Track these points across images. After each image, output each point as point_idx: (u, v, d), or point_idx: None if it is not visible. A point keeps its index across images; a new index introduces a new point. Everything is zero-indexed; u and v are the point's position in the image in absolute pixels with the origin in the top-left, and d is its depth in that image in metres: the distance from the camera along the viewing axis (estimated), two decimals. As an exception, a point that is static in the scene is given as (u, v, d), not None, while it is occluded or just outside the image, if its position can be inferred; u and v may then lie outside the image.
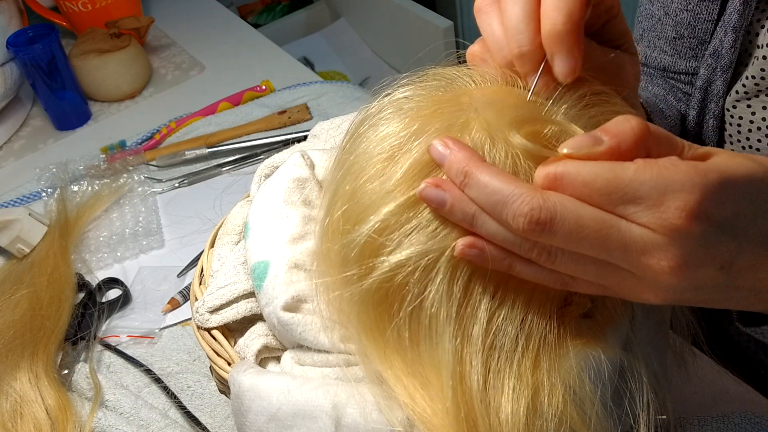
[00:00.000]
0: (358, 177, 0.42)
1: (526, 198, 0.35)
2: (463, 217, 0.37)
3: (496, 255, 0.38)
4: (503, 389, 0.40)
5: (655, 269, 0.35)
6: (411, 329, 0.41)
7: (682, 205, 0.34)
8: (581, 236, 0.35)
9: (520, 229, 0.35)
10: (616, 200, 0.34)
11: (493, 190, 0.36)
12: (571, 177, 0.35)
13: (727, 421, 0.56)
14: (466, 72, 0.45)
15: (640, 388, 0.41)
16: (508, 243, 0.37)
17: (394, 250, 0.40)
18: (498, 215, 0.36)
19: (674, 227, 0.34)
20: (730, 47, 0.60)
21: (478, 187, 0.36)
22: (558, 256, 0.36)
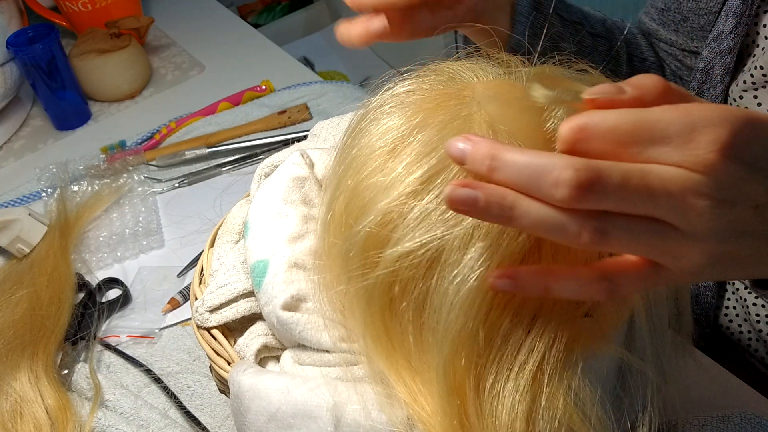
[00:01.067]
0: (360, 171, 0.42)
1: (565, 162, 0.32)
2: (500, 210, 0.34)
3: (532, 282, 0.36)
4: (504, 389, 0.40)
5: (696, 210, 0.34)
6: (414, 326, 0.41)
7: (713, 138, 0.33)
8: (630, 189, 0.33)
9: (566, 197, 0.32)
10: (645, 141, 0.33)
11: (526, 164, 0.33)
12: (596, 124, 0.33)
13: (727, 421, 0.56)
14: (468, 66, 0.45)
15: (640, 387, 0.41)
16: (555, 228, 0.33)
17: (397, 242, 0.39)
18: (536, 189, 0.33)
19: (708, 161, 0.33)
20: (730, 32, 0.60)
21: (509, 165, 0.33)
22: (610, 230, 0.34)
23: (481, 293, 0.38)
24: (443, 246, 0.38)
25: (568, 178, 0.32)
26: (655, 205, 0.33)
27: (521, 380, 0.40)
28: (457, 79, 0.44)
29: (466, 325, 0.39)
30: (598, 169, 0.32)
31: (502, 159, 0.33)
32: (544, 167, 0.32)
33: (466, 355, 0.40)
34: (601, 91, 0.35)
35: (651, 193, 0.33)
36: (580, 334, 0.41)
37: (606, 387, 0.41)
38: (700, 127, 0.33)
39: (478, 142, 0.34)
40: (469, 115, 0.40)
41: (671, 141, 0.33)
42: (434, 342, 0.40)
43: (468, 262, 0.38)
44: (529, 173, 0.33)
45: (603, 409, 0.40)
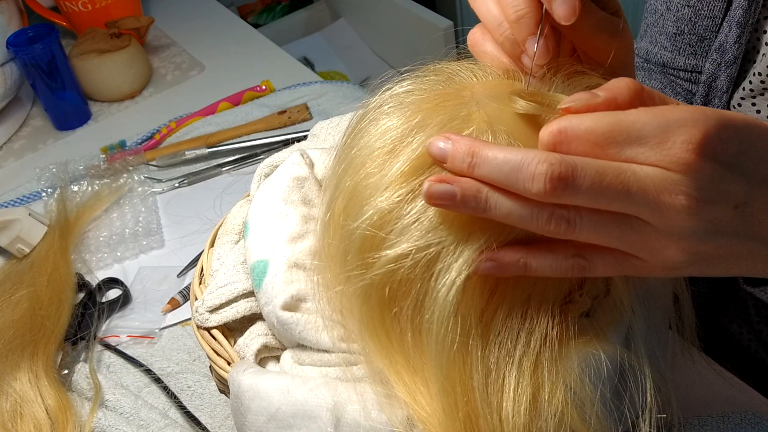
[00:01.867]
0: (359, 171, 0.42)
1: (541, 157, 0.33)
2: (476, 203, 0.36)
3: (511, 259, 0.38)
4: (503, 389, 0.40)
5: (674, 208, 0.34)
6: (413, 326, 0.41)
7: (687, 138, 0.34)
8: (603, 186, 0.34)
9: (541, 191, 0.33)
10: (622, 142, 0.34)
11: (504, 160, 0.34)
12: (574, 128, 0.35)
13: (726, 421, 0.56)
14: (467, 66, 0.45)
15: (640, 387, 0.41)
16: (524, 219, 0.35)
17: (394, 243, 0.39)
18: (513, 184, 0.34)
19: (683, 161, 0.34)
20: (734, 42, 0.60)
21: (488, 161, 0.35)
22: (578, 222, 0.35)
23: (474, 291, 0.39)
24: (440, 248, 0.39)
25: (542, 171, 0.33)
26: (629, 202, 0.34)
27: (520, 378, 0.40)
28: (456, 79, 0.44)
29: (461, 324, 0.39)
30: (574, 163, 0.33)
31: (482, 156, 0.35)
32: (521, 162, 0.34)
33: (463, 354, 0.40)
34: (576, 99, 0.36)
35: (626, 190, 0.34)
36: (580, 333, 0.41)
37: (606, 386, 0.41)
38: (674, 128, 0.34)
39: (457, 141, 0.36)
40: (468, 115, 0.40)
41: (647, 141, 0.34)
42: (431, 341, 0.40)
43: (460, 261, 0.38)
44: (508, 169, 0.34)
45: (602, 408, 0.40)
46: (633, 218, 0.35)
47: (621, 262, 0.38)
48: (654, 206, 0.34)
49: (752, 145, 0.36)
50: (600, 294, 0.44)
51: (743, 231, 0.37)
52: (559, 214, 0.35)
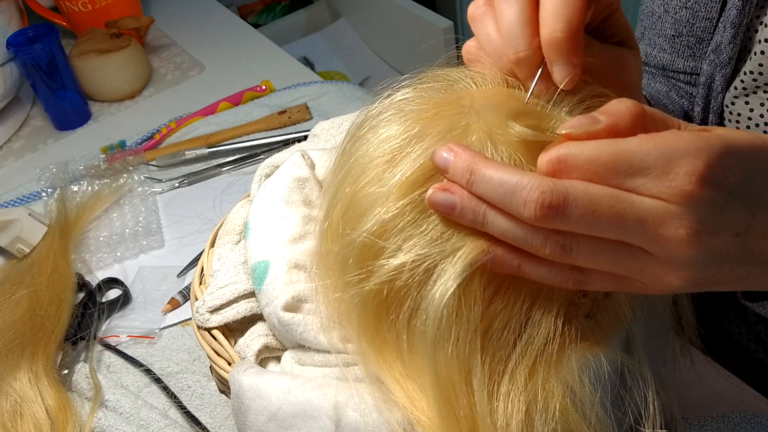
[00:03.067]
0: (358, 180, 0.42)
1: (534, 183, 0.34)
2: (473, 217, 0.37)
3: (506, 257, 0.37)
4: (500, 393, 0.40)
5: (673, 240, 0.34)
6: (409, 333, 0.41)
7: (690, 170, 0.33)
8: (596, 216, 0.34)
9: (532, 217, 0.34)
10: (623, 173, 0.34)
11: (500, 182, 0.35)
12: (574, 157, 0.34)
13: (726, 421, 0.56)
14: (467, 74, 0.45)
15: (640, 388, 0.41)
16: (519, 240, 0.36)
17: (393, 253, 0.39)
18: (508, 206, 0.35)
19: (685, 193, 0.33)
20: (728, 43, 0.60)
21: (485, 181, 0.36)
22: (573, 248, 0.35)
23: (473, 296, 0.39)
24: (439, 258, 0.39)
25: (533, 198, 0.34)
26: (625, 232, 0.34)
27: (517, 381, 0.40)
28: (456, 86, 0.44)
29: (456, 330, 0.39)
30: (566, 192, 0.34)
31: (479, 174, 0.36)
32: (515, 186, 0.34)
33: (459, 358, 0.40)
34: (576, 125, 0.36)
35: (621, 221, 0.34)
36: (580, 335, 0.41)
37: (606, 388, 0.41)
38: (676, 158, 0.33)
39: (459, 154, 0.37)
40: (467, 125, 0.40)
41: (649, 172, 0.34)
42: (426, 346, 0.40)
43: (456, 268, 0.38)
44: (503, 191, 0.35)
45: (603, 409, 0.40)
46: (632, 246, 0.35)
47: (618, 282, 0.38)
48: (652, 238, 0.34)
49: (756, 169, 0.36)
50: (599, 296, 0.44)
51: (744, 257, 0.36)
52: (554, 240, 0.35)
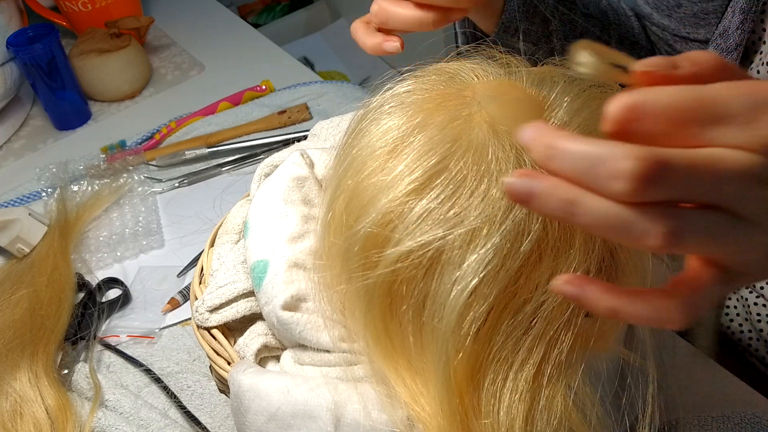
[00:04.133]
0: (361, 171, 0.42)
1: (623, 152, 0.29)
2: (558, 204, 0.30)
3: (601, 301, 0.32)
4: (503, 390, 0.40)
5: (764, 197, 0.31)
6: (414, 326, 0.41)
7: None
8: (698, 176, 0.30)
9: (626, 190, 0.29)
10: (706, 121, 0.30)
11: (582, 153, 0.30)
12: (651, 103, 0.30)
13: (727, 421, 0.56)
14: (468, 66, 0.45)
15: (640, 387, 0.41)
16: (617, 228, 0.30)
17: (397, 242, 0.39)
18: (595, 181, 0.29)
19: None
20: (736, 29, 0.60)
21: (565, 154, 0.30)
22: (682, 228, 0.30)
23: (483, 296, 0.38)
24: (443, 246, 0.38)
25: (628, 168, 0.28)
26: (722, 192, 0.30)
27: (520, 380, 0.40)
28: (458, 79, 0.44)
29: (466, 327, 0.39)
30: (665, 155, 0.29)
31: (558, 147, 0.30)
32: (600, 156, 0.29)
33: (465, 356, 0.40)
34: (655, 64, 0.32)
35: (719, 180, 0.30)
36: (581, 334, 0.41)
37: (606, 387, 0.41)
38: (765, 106, 0.30)
39: (543, 129, 0.31)
40: (469, 115, 0.40)
41: (733, 120, 0.30)
42: (434, 342, 0.40)
43: (470, 264, 0.38)
44: (585, 163, 0.30)
45: (603, 409, 0.40)
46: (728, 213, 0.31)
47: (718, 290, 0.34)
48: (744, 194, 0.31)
49: None
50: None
51: None
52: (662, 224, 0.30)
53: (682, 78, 0.32)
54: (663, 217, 0.30)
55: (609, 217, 0.30)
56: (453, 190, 0.39)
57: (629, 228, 0.30)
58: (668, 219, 0.30)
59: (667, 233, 0.30)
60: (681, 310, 0.32)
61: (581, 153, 0.30)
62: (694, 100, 0.30)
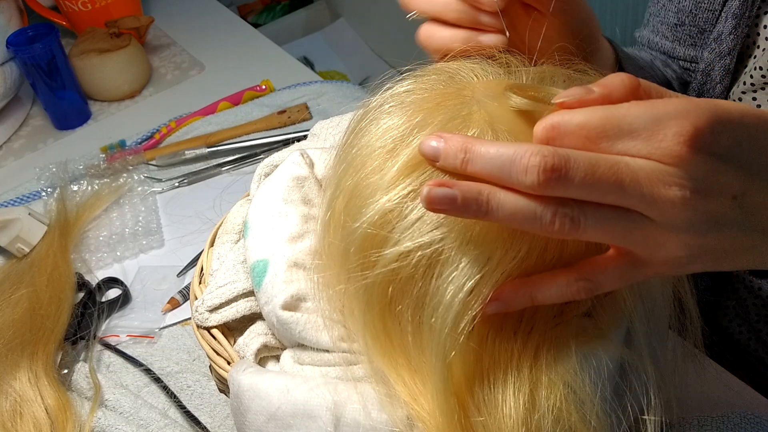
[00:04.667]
0: (360, 171, 0.42)
1: (533, 149, 0.34)
2: (477, 206, 0.35)
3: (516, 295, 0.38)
4: (502, 388, 0.40)
5: (668, 200, 0.34)
6: (413, 325, 0.41)
7: (678, 131, 0.34)
8: (596, 177, 0.34)
9: (536, 183, 0.33)
10: (614, 136, 0.34)
11: (497, 153, 0.34)
12: (566, 122, 0.35)
13: (726, 421, 0.56)
14: (468, 66, 0.45)
15: (640, 387, 0.41)
16: (529, 218, 0.35)
17: (396, 242, 0.39)
18: (508, 178, 0.34)
19: (675, 153, 0.34)
20: (729, 33, 0.61)
21: (481, 157, 0.35)
22: (581, 219, 0.35)
23: (479, 295, 0.39)
24: (441, 246, 0.39)
25: (536, 163, 0.33)
26: (624, 194, 0.34)
27: (519, 379, 0.40)
28: (457, 78, 0.44)
29: (463, 326, 0.39)
30: (566, 155, 0.34)
31: (475, 151, 0.35)
32: (514, 155, 0.34)
33: (463, 355, 0.40)
34: (570, 94, 0.36)
35: (619, 181, 0.34)
36: (580, 333, 0.41)
37: (606, 386, 0.41)
38: (665, 120, 0.34)
39: (450, 138, 0.36)
40: (468, 115, 0.40)
41: (638, 134, 0.34)
42: (432, 341, 0.40)
43: (465, 265, 0.38)
44: (501, 162, 0.34)
45: (603, 408, 0.40)
46: (634, 213, 0.35)
47: (624, 272, 0.38)
48: (649, 198, 0.34)
49: (749, 135, 0.36)
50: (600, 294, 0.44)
51: (744, 222, 0.37)
52: (563, 212, 0.34)
53: (595, 100, 0.36)
54: (563, 206, 0.34)
55: (520, 208, 0.35)
56: None
57: (538, 217, 0.34)
58: (567, 208, 0.34)
59: (566, 222, 0.34)
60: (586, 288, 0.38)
61: (496, 153, 0.34)
62: (602, 118, 0.35)
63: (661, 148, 0.34)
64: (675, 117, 0.34)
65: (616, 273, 0.38)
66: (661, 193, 0.34)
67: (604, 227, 0.35)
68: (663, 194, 0.34)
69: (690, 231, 0.36)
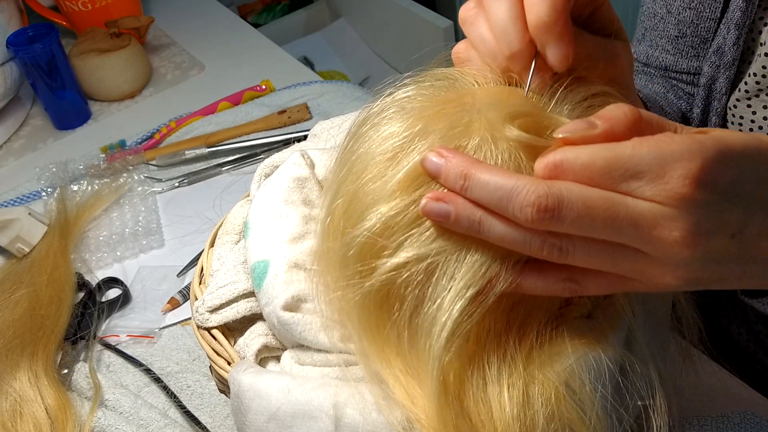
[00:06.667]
0: (360, 177, 0.42)
1: (530, 188, 0.34)
2: (469, 225, 0.37)
3: None
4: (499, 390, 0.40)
5: (668, 242, 0.34)
6: (410, 329, 0.41)
7: (684, 173, 0.34)
8: (591, 218, 0.34)
9: (529, 220, 0.34)
10: (618, 177, 0.34)
11: (496, 186, 0.35)
12: (570, 162, 0.35)
13: (726, 421, 0.56)
14: (469, 72, 0.45)
15: (640, 388, 0.41)
16: (518, 243, 0.36)
17: (394, 251, 0.39)
18: (504, 211, 0.35)
19: (680, 196, 0.34)
20: (732, 44, 0.60)
21: (480, 186, 0.36)
22: (569, 249, 0.36)
23: (477, 303, 0.39)
24: (439, 258, 0.39)
25: (530, 202, 0.34)
26: (620, 234, 0.35)
27: (515, 380, 0.40)
28: (458, 85, 0.44)
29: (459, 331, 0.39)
30: (561, 195, 0.34)
31: (474, 179, 0.36)
32: (512, 190, 0.35)
33: (459, 358, 0.40)
34: (573, 129, 0.36)
35: (615, 223, 0.34)
36: (580, 335, 0.41)
37: (606, 386, 0.41)
38: (671, 162, 0.34)
39: (451, 159, 0.37)
40: (469, 123, 0.40)
41: (644, 176, 0.34)
42: (428, 346, 0.40)
43: (464, 274, 0.38)
44: (499, 196, 0.35)
45: (603, 408, 0.40)
46: (627, 247, 0.36)
47: (614, 284, 0.38)
48: (647, 239, 0.35)
49: (752, 169, 0.36)
50: (599, 296, 0.44)
51: (740, 256, 0.37)
52: (551, 242, 0.36)
53: (598, 137, 0.36)
54: (551, 237, 0.36)
55: (510, 235, 0.36)
56: None
57: (526, 243, 0.36)
58: (556, 239, 0.36)
59: (554, 251, 0.36)
60: (570, 289, 0.38)
61: (495, 186, 0.35)
62: (607, 159, 0.34)
63: (666, 191, 0.34)
64: (681, 158, 0.34)
65: (605, 282, 0.38)
66: (661, 235, 0.34)
67: (593, 259, 0.36)
68: (664, 237, 0.34)
69: (686, 267, 0.36)
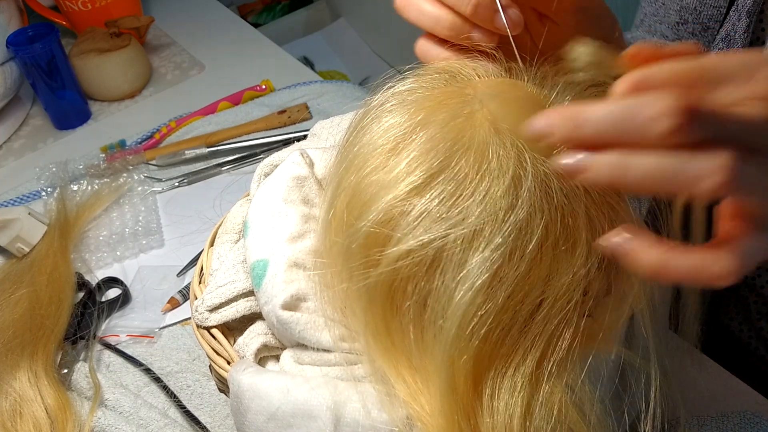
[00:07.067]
0: (362, 168, 0.42)
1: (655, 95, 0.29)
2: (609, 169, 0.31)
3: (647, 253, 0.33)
4: (502, 389, 0.40)
5: None
6: (415, 325, 0.41)
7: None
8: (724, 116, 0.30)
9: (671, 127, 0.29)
10: (707, 84, 0.33)
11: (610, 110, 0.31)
12: (655, 75, 0.32)
13: (726, 420, 0.56)
14: (469, 65, 0.45)
15: (640, 387, 0.41)
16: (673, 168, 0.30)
17: (398, 241, 0.39)
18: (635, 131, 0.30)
19: None
20: (743, 32, 0.60)
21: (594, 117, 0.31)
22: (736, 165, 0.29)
23: (487, 296, 0.38)
24: (445, 245, 0.38)
25: (668, 106, 0.29)
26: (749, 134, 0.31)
27: (519, 379, 0.40)
28: (459, 77, 0.44)
29: (469, 327, 0.39)
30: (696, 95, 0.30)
31: (584, 113, 0.31)
32: (633, 106, 0.30)
33: (467, 355, 0.40)
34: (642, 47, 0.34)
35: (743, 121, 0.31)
36: (580, 333, 0.41)
37: (606, 386, 0.41)
38: (756, 65, 0.33)
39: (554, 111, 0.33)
40: (471, 113, 0.40)
41: (732, 81, 0.33)
42: (437, 342, 0.40)
43: (475, 264, 0.38)
44: (617, 117, 0.30)
45: (603, 408, 0.40)
46: None
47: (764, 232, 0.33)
48: None
49: None
50: (600, 294, 0.44)
51: None
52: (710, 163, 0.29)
53: (669, 54, 0.34)
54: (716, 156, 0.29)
55: (661, 165, 0.30)
56: (454, 188, 0.39)
57: (682, 173, 0.30)
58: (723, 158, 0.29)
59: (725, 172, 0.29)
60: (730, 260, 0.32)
61: (608, 110, 0.30)
62: (693, 69, 0.32)
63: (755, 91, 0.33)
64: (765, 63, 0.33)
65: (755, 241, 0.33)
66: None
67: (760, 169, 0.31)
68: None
69: None
